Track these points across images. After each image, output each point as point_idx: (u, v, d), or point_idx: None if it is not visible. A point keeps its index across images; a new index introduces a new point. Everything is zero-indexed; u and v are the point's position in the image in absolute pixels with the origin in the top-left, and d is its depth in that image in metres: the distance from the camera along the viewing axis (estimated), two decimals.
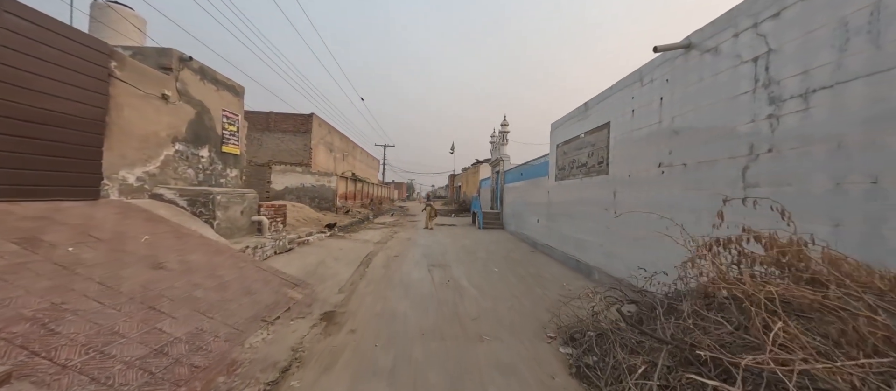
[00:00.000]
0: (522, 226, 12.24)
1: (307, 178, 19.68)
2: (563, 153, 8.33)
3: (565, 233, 7.93)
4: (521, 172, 12.71)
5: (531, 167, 11.42)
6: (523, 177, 12.44)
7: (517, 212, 13.21)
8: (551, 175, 9.07)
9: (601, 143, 6.37)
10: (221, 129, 7.75)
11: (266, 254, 6.65)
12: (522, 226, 12.24)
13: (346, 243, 9.94)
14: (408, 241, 11.03)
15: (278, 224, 8.43)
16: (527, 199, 11.78)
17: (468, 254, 9.11)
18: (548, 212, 9.23)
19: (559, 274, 6.91)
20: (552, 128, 9.19)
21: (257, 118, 19.89)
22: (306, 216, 13.74)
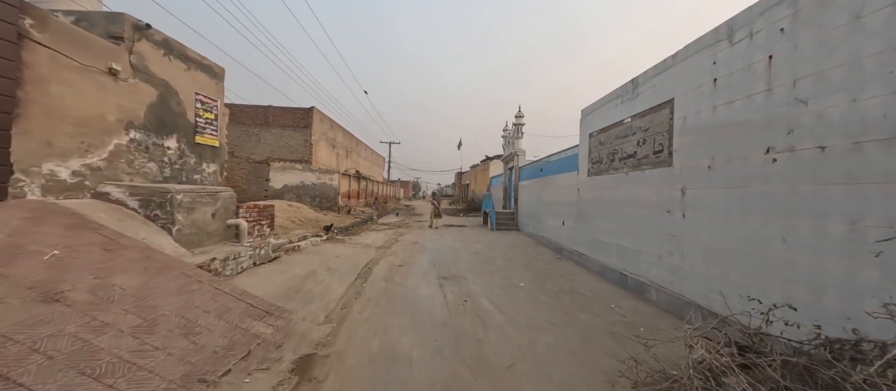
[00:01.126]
0: (541, 227, 10.92)
1: (308, 175, 18.58)
2: (598, 143, 7.00)
3: (603, 238, 6.60)
4: (540, 168, 11.38)
5: (553, 162, 10.08)
6: (543, 173, 11.11)
7: (535, 213, 11.88)
8: (582, 170, 7.73)
9: (659, 128, 5.04)
10: (195, 116, 6.57)
11: (240, 266, 5.44)
12: (541, 227, 10.92)
13: (345, 248, 8.72)
14: (414, 246, 9.78)
15: (264, 227, 7.23)
16: (547, 198, 10.45)
17: (484, 261, 7.83)
18: (577, 214, 7.91)
19: (600, 290, 5.59)
20: (582, 115, 7.85)
21: (255, 112, 18.82)
22: (303, 217, 12.56)
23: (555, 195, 9.75)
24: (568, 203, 8.59)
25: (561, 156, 9.53)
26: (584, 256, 7.35)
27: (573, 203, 8.19)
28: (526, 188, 13.36)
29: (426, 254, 8.50)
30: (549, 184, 10.42)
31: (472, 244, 10.41)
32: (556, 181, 9.66)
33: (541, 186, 11.29)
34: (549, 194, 10.28)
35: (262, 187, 18.56)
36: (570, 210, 8.43)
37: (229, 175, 18.82)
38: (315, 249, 8.16)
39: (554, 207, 9.77)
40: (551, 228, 9.97)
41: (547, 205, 10.50)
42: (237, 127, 18.68)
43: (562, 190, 9.15)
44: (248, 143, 18.73)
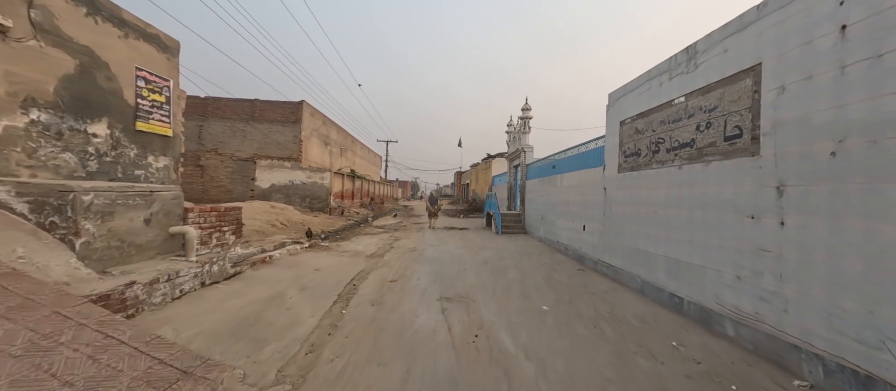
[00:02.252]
0: (555, 231, 9.66)
1: (297, 174, 17.28)
2: (633, 132, 5.75)
3: (644, 247, 5.35)
4: (553, 165, 10.13)
5: (570, 158, 8.83)
6: (556, 170, 9.86)
7: (546, 215, 10.62)
8: (610, 165, 6.48)
9: (736, 104, 3.78)
10: (136, 96, 5.28)
11: (179, 290, 4.15)
12: (555, 231, 9.66)
13: (329, 258, 7.43)
14: (411, 254, 8.50)
15: (227, 235, 5.95)
16: (562, 199, 9.19)
17: (494, 273, 6.56)
18: (604, 217, 6.65)
19: (649, 317, 4.34)
20: (610, 100, 6.59)
21: (240, 106, 17.50)
22: (288, 219, 11.26)
23: (572, 195, 8.49)
24: (590, 204, 7.34)
25: (579, 150, 8.27)
26: (616, 269, 6.09)
27: (598, 204, 6.93)
28: (534, 187, 12.10)
29: (426, 265, 7.23)
30: (563, 182, 9.16)
31: (477, 251, 9.14)
32: (574, 179, 8.40)
33: (553, 185, 10.03)
34: (565, 194, 9.02)
35: (247, 187, 17.26)
36: (593, 212, 7.17)
37: (213, 174, 17.56)
38: (292, 260, 6.87)
39: (571, 209, 8.51)
40: (568, 233, 8.71)
41: (561, 206, 9.24)
42: (221, 122, 17.39)
43: (582, 189, 7.89)
44: (232, 140, 17.42)
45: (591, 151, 7.57)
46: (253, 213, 10.12)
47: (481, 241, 10.91)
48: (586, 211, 7.56)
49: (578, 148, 8.31)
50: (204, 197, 16.82)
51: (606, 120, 6.73)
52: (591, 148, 7.65)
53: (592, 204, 7.25)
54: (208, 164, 17.35)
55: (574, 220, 8.26)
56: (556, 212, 9.64)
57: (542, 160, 11.48)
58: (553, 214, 9.94)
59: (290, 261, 6.77)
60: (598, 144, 7.27)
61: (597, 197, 7.04)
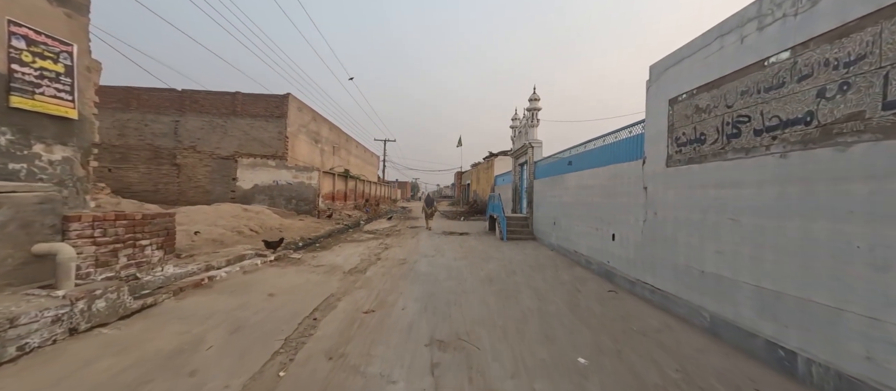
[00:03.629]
0: (571, 239, 8.17)
1: (282, 173, 15.83)
2: (691, 112, 4.27)
3: (715, 270, 3.87)
4: (568, 161, 8.63)
5: (593, 151, 7.34)
6: (573, 167, 8.37)
7: (558, 219, 9.13)
8: (654, 157, 5.00)
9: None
10: (10, 61, 3.80)
11: (15, 348, 2.65)
12: (571, 239, 8.17)
13: (295, 276, 5.94)
14: (400, 268, 7.02)
15: (149, 251, 4.47)
16: (581, 200, 7.70)
17: (503, 298, 5.08)
18: (645, 224, 5.16)
19: (743, 381, 2.85)
20: (653, 74, 5.12)
21: (220, 100, 16.05)
22: (262, 224, 9.77)
23: (595, 196, 7.00)
24: (622, 207, 5.85)
25: (606, 141, 6.78)
26: (666, 296, 4.60)
27: (634, 208, 5.45)
28: (544, 188, 10.61)
29: (416, 285, 5.74)
30: (583, 181, 7.67)
31: (480, 263, 7.65)
32: (598, 177, 6.91)
33: (568, 185, 8.54)
34: (585, 195, 7.52)
35: (228, 187, 15.80)
36: (627, 217, 5.68)
37: (190, 174, 16.11)
38: (242, 281, 5.38)
39: (594, 213, 7.02)
40: (589, 242, 7.22)
41: (580, 209, 7.75)
42: (199, 117, 15.94)
43: (609, 189, 6.40)
44: (212, 136, 15.96)
45: (623, 142, 6.08)
46: (216, 218, 8.65)
47: (484, 250, 9.42)
48: (616, 215, 6.07)
49: (604, 138, 6.82)
50: (180, 199, 15.38)
51: (647, 100, 5.24)
52: (621, 138, 6.16)
53: (625, 207, 5.76)
54: (185, 162, 15.90)
55: (598, 227, 6.76)
56: (573, 216, 8.14)
57: (554, 156, 9.99)
58: (569, 219, 8.45)
59: (238, 282, 5.27)
60: (633, 132, 5.79)
61: (632, 198, 5.55)
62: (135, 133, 15.88)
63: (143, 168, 15.82)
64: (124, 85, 15.96)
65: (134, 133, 15.88)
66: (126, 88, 15.89)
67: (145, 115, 15.91)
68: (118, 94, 15.88)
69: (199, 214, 8.48)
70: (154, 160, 15.85)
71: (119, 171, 15.85)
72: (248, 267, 5.98)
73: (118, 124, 15.86)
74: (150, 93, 15.86)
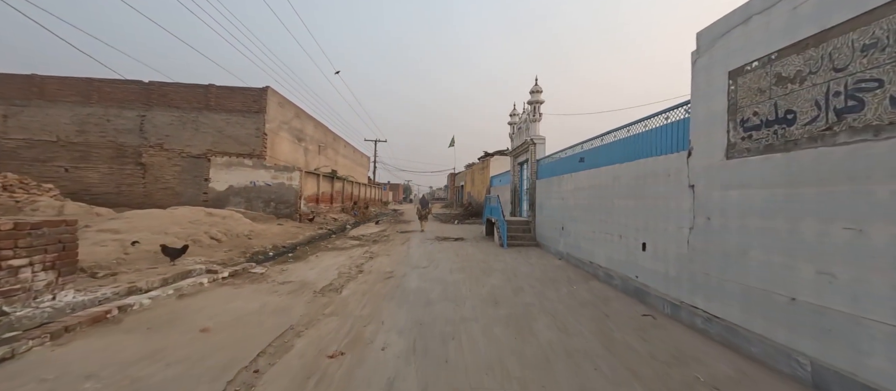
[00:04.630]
0: (585, 247, 7.07)
1: (260, 173, 14.51)
2: (770, 84, 3.20)
3: (820, 302, 2.79)
4: (580, 157, 7.54)
5: (612, 144, 6.26)
6: (585, 164, 7.29)
7: (567, 223, 8.04)
8: (705, 146, 3.92)
9: None
10: None
11: None
12: (585, 247, 7.07)
13: (248, 299, 4.70)
14: (386, 284, 5.82)
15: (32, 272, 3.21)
16: (598, 202, 6.61)
17: (513, 328, 3.92)
18: (693, 233, 4.07)
19: None
20: (702, 42, 4.05)
21: (192, 93, 14.67)
22: (228, 230, 8.49)
23: (616, 197, 5.92)
24: (657, 210, 4.76)
25: (629, 131, 5.69)
26: (732, 328, 3.49)
27: (676, 211, 4.35)
28: (549, 188, 9.52)
29: (403, 310, 4.56)
30: (600, 180, 6.58)
31: (480, 276, 6.50)
32: (621, 174, 5.82)
33: (580, 184, 7.46)
34: (602, 196, 6.44)
35: (200, 189, 14.40)
36: (665, 224, 4.58)
37: (158, 174, 14.64)
38: (172, 310, 4.11)
39: (615, 217, 5.93)
40: (608, 251, 6.12)
41: (597, 213, 6.66)
42: (167, 112, 14.53)
43: (637, 188, 5.32)
44: (182, 133, 14.56)
45: (655, 132, 5.00)
46: (169, 224, 7.34)
47: (483, 259, 8.27)
48: (648, 221, 4.98)
49: (628, 128, 5.73)
50: (146, 201, 13.93)
51: (693, 77, 4.16)
52: (652, 126, 5.08)
53: (660, 211, 4.67)
54: (152, 162, 14.46)
55: (622, 234, 5.66)
56: (586, 220, 7.05)
57: (561, 153, 8.91)
58: (580, 224, 7.35)
59: (165, 312, 4.00)
60: (670, 119, 4.71)
61: (671, 199, 4.46)
62: (96, 129, 14.40)
63: (104, 168, 14.33)
64: (85, 76, 14.47)
65: (95, 129, 14.40)
66: (86, 80, 14.41)
67: (108, 109, 14.45)
68: (78, 87, 14.40)
69: (146, 220, 7.17)
70: (117, 159, 14.38)
71: (78, 171, 14.35)
72: (188, 288, 4.72)
73: (77, 119, 14.36)
74: (113, 85, 14.40)
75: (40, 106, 14.30)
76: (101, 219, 7.63)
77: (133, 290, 4.17)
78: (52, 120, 14.26)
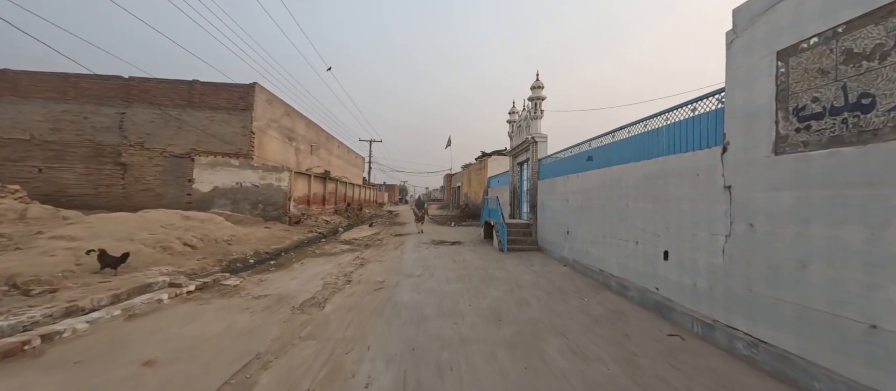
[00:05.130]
0: (593, 253, 6.50)
1: (247, 174, 13.80)
2: (837, 64, 2.63)
3: None
4: (588, 156, 6.97)
5: (626, 141, 5.70)
6: (594, 163, 6.72)
7: (573, 227, 7.47)
8: (746, 141, 3.37)
9: None
10: None
11: None
12: (593, 253, 6.50)
13: (210, 320, 4.04)
14: (375, 297, 5.20)
15: None
16: (610, 204, 6.05)
17: (523, 353, 3.32)
18: (730, 241, 3.51)
19: None
20: (740, 21, 3.49)
21: (175, 90, 13.94)
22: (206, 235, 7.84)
23: (633, 199, 5.35)
24: (684, 215, 4.19)
25: (647, 126, 5.13)
26: (786, 357, 2.91)
27: (708, 215, 3.79)
28: (552, 190, 8.96)
29: (393, 328, 3.95)
30: (610, 180, 6.02)
31: (480, 286, 5.90)
32: (636, 174, 5.26)
33: (588, 185, 6.89)
34: (614, 197, 5.87)
35: (183, 190, 13.67)
36: (694, 229, 4.01)
37: (138, 175, 13.87)
38: (115, 335, 3.47)
39: (630, 221, 5.36)
40: (622, 259, 5.55)
41: (611, 216, 6.09)
42: (149, 109, 13.79)
43: (658, 189, 4.75)
44: (164, 131, 13.82)
45: (680, 126, 4.44)
46: (137, 229, 6.66)
47: (483, 266, 7.67)
48: (671, 226, 4.41)
49: (645, 123, 5.16)
50: (126, 204, 13.17)
51: (728, 60, 3.60)
52: (676, 119, 4.51)
53: (687, 215, 4.10)
54: (132, 161, 13.70)
55: (639, 241, 5.09)
56: (595, 224, 6.47)
57: (566, 151, 8.34)
58: (588, 228, 6.78)
59: (104, 338, 3.35)
60: (698, 110, 4.15)
61: (701, 202, 3.90)
62: (72, 127, 13.62)
63: (80, 168, 13.55)
64: (60, 71, 13.69)
65: (71, 127, 13.62)
66: (62, 75, 13.63)
67: (85, 106, 13.67)
68: (52, 82, 13.62)
69: (111, 224, 6.48)
70: (94, 158, 13.60)
71: (52, 171, 13.54)
72: (141, 306, 4.06)
73: (51, 117, 13.57)
74: (90, 80, 13.63)
75: (13, 102, 13.49)
76: (59, 223, 6.92)
77: (72, 311, 3.52)
78: (25, 117, 13.45)
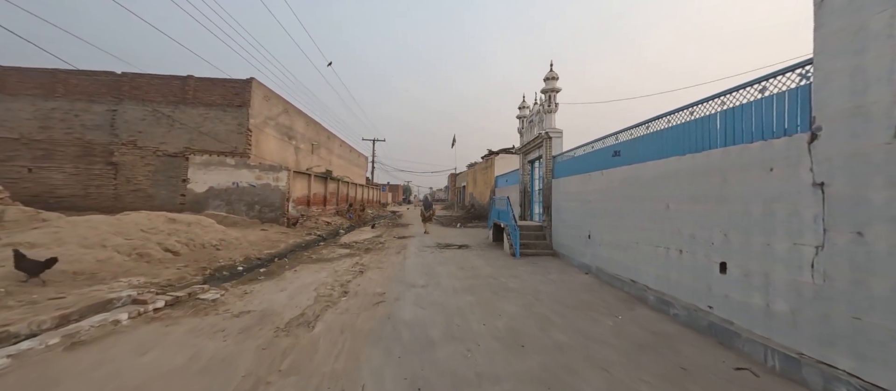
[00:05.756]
0: (621, 261, 5.73)
1: (243, 173, 13.16)
2: None
3: None
4: (614, 150, 6.19)
5: (666, 132, 4.92)
6: (622, 159, 5.95)
7: (594, 231, 6.70)
8: (845, 127, 2.63)
9: None
10: None
11: None
12: (621, 261, 5.73)
13: (170, 349, 3.32)
14: (374, 310, 4.47)
15: None
16: (641, 206, 5.29)
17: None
18: (824, 255, 2.75)
19: None
20: None
21: (168, 86, 13.34)
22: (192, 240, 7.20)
23: (676, 200, 4.58)
24: (751, 220, 3.42)
25: (695, 113, 4.35)
26: None
27: (788, 222, 3.01)
28: (570, 188, 8.19)
29: (393, 358, 3.21)
30: (646, 177, 5.25)
31: (493, 300, 5.15)
32: (680, 170, 4.49)
33: (615, 183, 6.12)
34: (651, 198, 5.10)
35: (176, 191, 13.05)
36: (767, 238, 3.24)
37: (129, 175, 13.28)
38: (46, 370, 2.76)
39: (672, 226, 4.58)
40: (661, 269, 4.78)
41: (638, 219, 5.32)
42: (141, 106, 13.19)
43: (711, 188, 3.97)
44: (156, 129, 13.22)
45: (740, 110, 3.66)
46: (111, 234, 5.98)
47: (494, 274, 6.91)
48: (732, 233, 3.63)
49: (691, 110, 4.38)
50: (117, 205, 12.58)
51: (818, 22, 2.83)
52: (735, 103, 3.73)
53: (757, 220, 3.33)
54: (124, 161, 13.11)
55: (683, 249, 4.31)
56: (624, 229, 5.70)
57: (585, 146, 7.57)
58: (615, 232, 6.01)
59: (29, 376, 2.64)
60: (769, 91, 3.37)
61: (778, 204, 3.13)
62: (61, 125, 13.05)
63: (69, 167, 12.98)
64: (49, 67, 13.14)
65: (60, 125, 13.05)
66: (50, 71, 13.07)
67: (74, 103, 13.10)
68: (40, 79, 13.06)
69: (81, 229, 5.81)
70: (84, 158, 13.03)
71: (41, 171, 12.99)
72: (92, 330, 3.35)
73: (40, 114, 13.02)
74: (80, 76, 13.07)
75: (0, 100, 12.95)
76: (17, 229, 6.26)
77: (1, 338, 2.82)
78: (13, 115, 12.91)
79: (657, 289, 4.81)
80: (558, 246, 8.79)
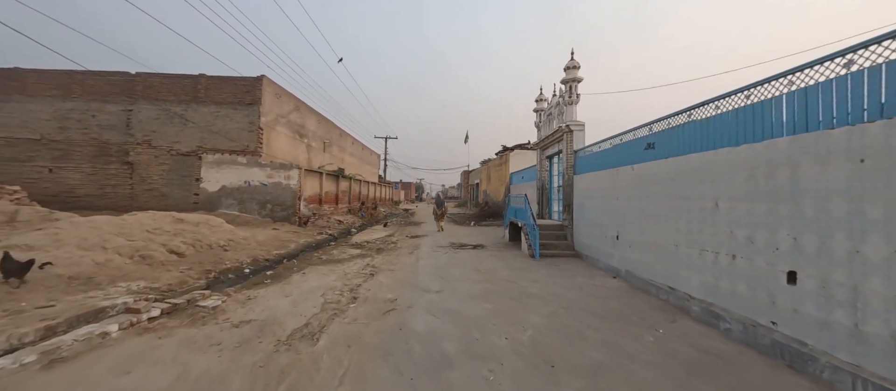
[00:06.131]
0: (657, 266, 5.17)
1: (254, 172, 13.04)
2: None
3: None
4: (647, 143, 5.60)
5: (710, 121, 4.33)
6: (657, 152, 5.36)
7: (623, 231, 6.13)
8: None
9: None
10: None
11: None
12: (657, 266, 5.17)
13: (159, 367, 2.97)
14: (383, 320, 4.07)
15: None
16: (680, 204, 4.71)
17: None
18: None
19: None
20: None
21: (180, 85, 13.29)
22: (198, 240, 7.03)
23: (725, 199, 4.00)
24: (832, 221, 2.84)
25: (750, 98, 3.76)
26: None
27: (888, 225, 2.43)
28: (594, 185, 7.61)
29: (404, 383, 2.79)
30: (686, 172, 4.67)
31: (515, 307, 4.68)
32: (731, 164, 3.91)
33: (648, 179, 5.55)
34: (693, 196, 4.52)
35: (190, 190, 13.01)
36: (855, 244, 2.66)
37: (144, 174, 13.33)
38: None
39: (721, 227, 4.01)
40: (707, 276, 4.21)
41: (676, 219, 4.75)
42: (154, 105, 13.19)
43: (771, 183, 3.40)
44: (169, 128, 13.19)
45: (815, 90, 3.07)
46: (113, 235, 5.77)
47: (512, 278, 6.43)
48: (803, 236, 3.05)
49: (747, 93, 3.78)
50: (132, 205, 12.62)
51: None
52: (803, 85, 3.14)
53: (840, 221, 2.75)
54: (139, 160, 13.15)
55: (738, 254, 3.74)
56: (661, 229, 5.13)
57: (613, 139, 6.97)
58: (650, 233, 5.43)
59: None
60: (854, 67, 2.78)
61: (870, 203, 2.55)
62: (78, 125, 13.18)
63: (87, 167, 13.10)
64: (64, 68, 13.27)
65: (77, 125, 13.18)
66: (67, 72, 13.19)
67: (90, 103, 13.20)
68: (58, 80, 13.20)
69: (82, 230, 5.62)
70: (100, 157, 13.12)
71: (60, 171, 13.16)
72: (75, 344, 3.05)
73: (58, 115, 13.17)
74: (95, 77, 13.15)
75: (21, 101, 13.16)
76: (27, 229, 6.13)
77: None
78: (32, 116, 13.10)
79: (702, 298, 4.24)
80: (581, 247, 8.22)
